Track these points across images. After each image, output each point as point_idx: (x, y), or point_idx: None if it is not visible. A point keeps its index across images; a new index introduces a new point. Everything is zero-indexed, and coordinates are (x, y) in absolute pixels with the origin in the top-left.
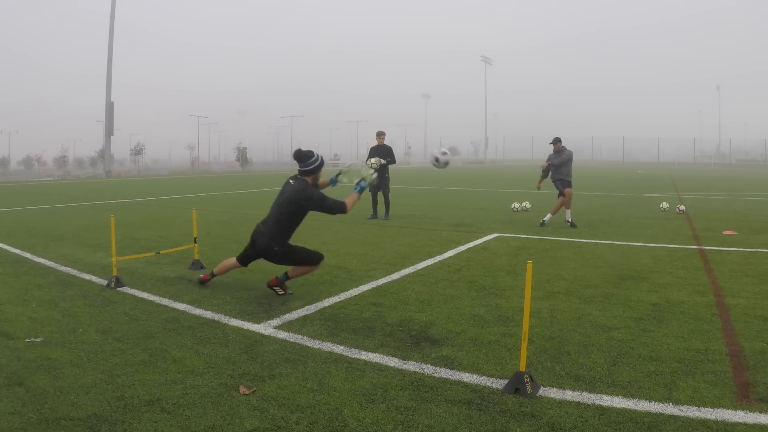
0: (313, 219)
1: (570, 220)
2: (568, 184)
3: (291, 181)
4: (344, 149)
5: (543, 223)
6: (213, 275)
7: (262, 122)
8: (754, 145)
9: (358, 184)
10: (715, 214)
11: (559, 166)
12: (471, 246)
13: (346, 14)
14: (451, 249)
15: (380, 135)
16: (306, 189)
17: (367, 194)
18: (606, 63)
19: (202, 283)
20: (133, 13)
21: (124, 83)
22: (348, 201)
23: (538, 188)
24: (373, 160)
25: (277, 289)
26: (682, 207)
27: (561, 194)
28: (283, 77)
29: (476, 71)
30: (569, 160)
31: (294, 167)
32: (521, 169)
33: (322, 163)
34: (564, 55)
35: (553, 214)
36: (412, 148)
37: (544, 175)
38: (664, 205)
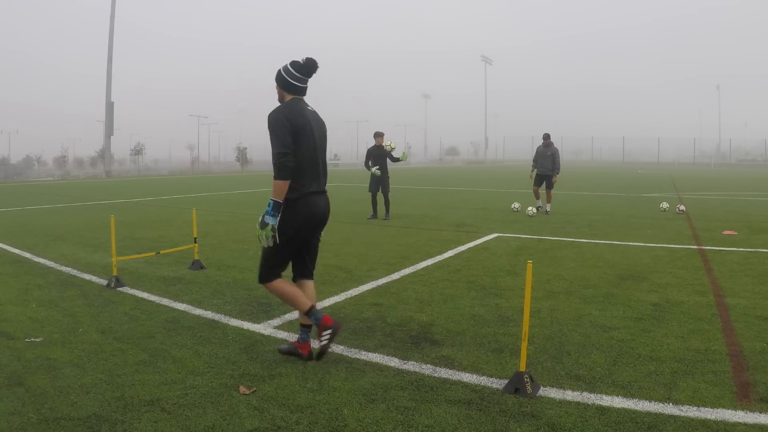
0: None
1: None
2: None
3: (310, 108)
4: (344, 149)
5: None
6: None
7: (262, 122)
8: (754, 145)
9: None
10: (715, 214)
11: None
12: (471, 246)
13: (346, 14)
14: (451, 249)
15: (379, 136)
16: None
17: (368, 194)
18: (606, 62)
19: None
20: (134, 11)
21: (124, 83)
22: None
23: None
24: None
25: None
26: (682, 207)
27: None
28: None
29: (476, 71)
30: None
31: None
32: (521, 169)
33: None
34: (564, 55)
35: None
36: (412, 148)
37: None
38: (664, 205)
